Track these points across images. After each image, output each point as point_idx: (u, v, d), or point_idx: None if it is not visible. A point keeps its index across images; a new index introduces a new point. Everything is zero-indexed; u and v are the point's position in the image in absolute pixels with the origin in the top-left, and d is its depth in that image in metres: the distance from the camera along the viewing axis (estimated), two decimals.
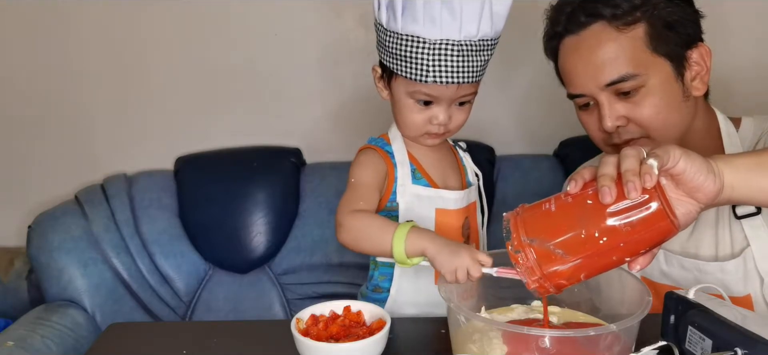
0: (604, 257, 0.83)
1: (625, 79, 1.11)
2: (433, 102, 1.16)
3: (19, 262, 1.90)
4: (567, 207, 0.84)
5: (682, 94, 1.14)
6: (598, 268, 0.85)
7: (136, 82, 1.93)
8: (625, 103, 1.13)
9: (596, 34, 1.13)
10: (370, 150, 1.25)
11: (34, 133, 1.96)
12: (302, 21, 1.89)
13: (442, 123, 1.17)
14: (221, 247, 1.84)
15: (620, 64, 1.11)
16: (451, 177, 1.27)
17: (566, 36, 1.17)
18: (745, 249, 1.15)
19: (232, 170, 1.88)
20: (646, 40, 1.11)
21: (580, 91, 1.16)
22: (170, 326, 1.46)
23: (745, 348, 0.80)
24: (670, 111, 1.13)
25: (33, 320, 1.63)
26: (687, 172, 0.84)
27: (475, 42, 1.11)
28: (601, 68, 1.12)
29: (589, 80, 1.13)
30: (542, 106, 1.92)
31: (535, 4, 1.25)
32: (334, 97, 1.94)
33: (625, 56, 1.11)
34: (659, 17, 1.11)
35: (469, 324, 0.92)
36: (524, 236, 0.84)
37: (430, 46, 1.09)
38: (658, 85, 1.12)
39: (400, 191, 1.23)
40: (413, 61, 1.11)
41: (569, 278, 0.85)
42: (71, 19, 1.88)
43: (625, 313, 0.91)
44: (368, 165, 1.22)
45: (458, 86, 1.13)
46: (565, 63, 1.18)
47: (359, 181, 1.21)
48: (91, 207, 1.81)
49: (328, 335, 1.01)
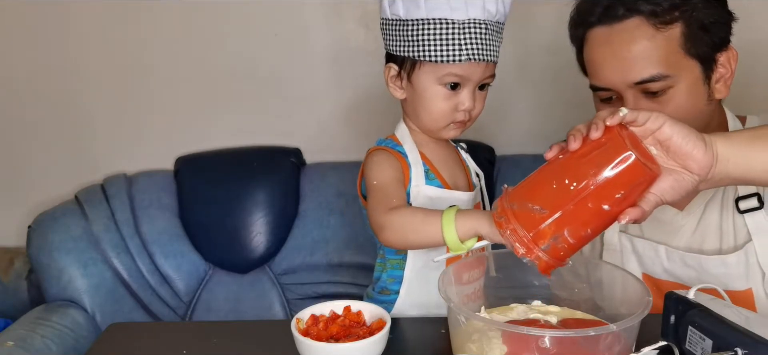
0: (581, 206, 0.85)
1: (655, 79, 1.09)
2: (461, 85, 1.16)
3: (19, 262, 1.90)
4: (543, 168, 0.90)
5: (706, 98, 1.13)
6: (581, 221, 0.86)
7: (136, 82, 1.93)
8: (650, 102, 1.10)
9: (632, 30, 1.10)
10: (382, 151, 1.23)
11: (34, 133, 1.97)
12: (302, 21, 1.89)
13: (468, 109, 1.17)
14: (221, 247, 1.84)
15: (653, 64, 1.09)
16: (460, 177, 1.27)
17: (598, 26, 1.13)
18: (747, 243, 1.15)
19: (232, 170, 1.88)
20: (681, 41, 1.09)
21: (605, 85, 1.14)
22: (170, 326, 1.46)
23: (745, 348, 0.80)
24: (694, 114, 1.11)
25: (33, 320, 1.63)
26: (673, 138, 0.85)
27: (493, 22, 1.14)
28: (632, 65, 1.09)
29: (618, 75, 1.11)
30: (542, 106, 1.92)
31: (536, 4, 1.25)
32: (334, 97, 1.94)
33: (658, 55, 1.09)
34: (696, 18, 1.09)
35: (468, 324, 0.92)
36: (507, 203, 0.90)
37: (460, 26, 1.12)
38: (686, 87, 1.10)
39: (414, 193, 1.20)
40: (444, 43, 1.13)
41: (555, 236, 0.86)
42: (71, 20, 1.88)
43: (626, 313, 0.91)
44: (386, 164, 1.20)
45: (486, 65, 1.15)
46: (593, 53, 1.15)
47: (383, 181, 1.18)
48: (91, 207, 1.81)
49: (328, 335, 1.01)
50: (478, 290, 1.09)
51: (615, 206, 0.85)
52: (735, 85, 1.18)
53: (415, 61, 1.16)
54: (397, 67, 1.20)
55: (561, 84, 1.85)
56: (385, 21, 1.19)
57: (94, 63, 1.91)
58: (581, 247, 0.90)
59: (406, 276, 1.23)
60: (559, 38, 1.26)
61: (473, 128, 1.37)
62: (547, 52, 1.82)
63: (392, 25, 1.17)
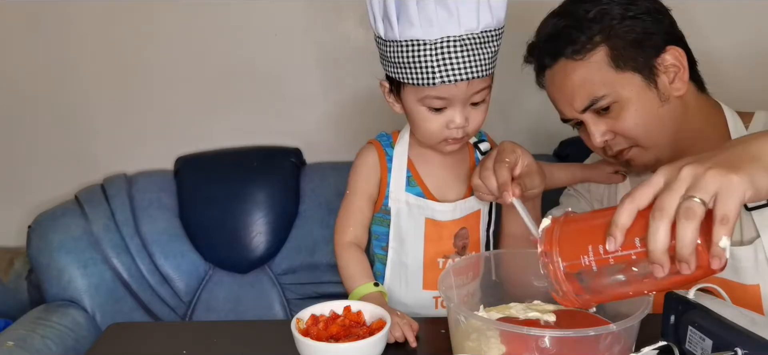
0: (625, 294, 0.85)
1: (595, 101, 1.16)
2: (446, 106, 1.13)
3: (19, 262, 1.90)
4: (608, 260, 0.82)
5: (659, 100, 1.17)
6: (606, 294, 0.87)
7: (136, 82, 1.93)
8: (607, 119, 1.18)
9: (562, 69, 1.19)
10: (370, 150, 1.27)
11: (34, 133, 1.96)
12: (302, 21, 1.89)
13: (459, 126, 1.14)
14: (221, 247, 1.84)
15: (588, 90, 1.16)
16: (452, 185, 1.26)
17: (544, 71, 1.24)
18: (755, 239, 1.15)
19: (232, 170, 1.88)
20: (608, 62, 1.15)
21: (566, 117, 1.24)
22: (170, 326, 1.46)
23: (745, 348, 0.80)
24: (650, 118, 1.17)
25: (33, 320, 1.63)
26: None
27: (477, 35, 1.08)
28: (573, 97, 1.18)
29: (568, 108, 1.21)
30: (542, 106, 1.92)
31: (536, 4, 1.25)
32: (334, 97, 1.94)
33: (591, 81, 1.16)
34: (618, 37, 1.15)
35: (467, 324, 0.92)
36: (557, 230, 0.86)
37: (432, 47, 1.07)
38: (632, 97, 1.16)
39: (392, 197, 1.24)
40: (417, 65, 1.09)
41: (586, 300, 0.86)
42: (71, 20, 1.88)
43: (626, 312, 0.91)
44: (361, 173, 1.26)
45: (468, 83, 1.10)
46: (549, 93, 1.26)
47: (352, 192, 1.27)
48: (91, 207, 1.81)
49: (328, 335, 1.01)
50: (470, 293, 1.10)
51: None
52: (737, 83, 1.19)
53: (399, 81, 1.15)
54: (388, 85, 1.20)
55: None
56: (374, 38, 1.18)
57: (94, 63, 1.91)
58: None
59: (387, 275, 1.28)
60: None
61: None
62: None
63: (378, 43, 1.17)
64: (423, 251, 1.25)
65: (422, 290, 1.27)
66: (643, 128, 1.17)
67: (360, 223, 1.26)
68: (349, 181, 1.28)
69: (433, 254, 1.25)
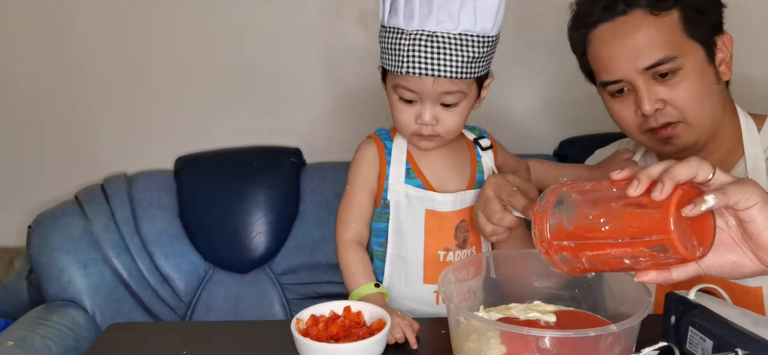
0: (604, 249, 0.83)
1: (663, 61, 1.13)
2: (416, 100, 1.17)
3: (19, 262, 1.90)
4: (598, 187, 0.86)
5: (714, 78, 1.18)
6: (600, 259, 0.85)
7: (136, 82, 1.93)
8: (663, 87, 1.15)
9: (634, 21, 1.15)
10: (369, 144, 1.28)
11: (34, 133, 1.96)
12: (302, 21, 1.89)
13: (427, 123, 1.17)
14: (221, 247, 1.84)
15: (659, 47, 1.13)
16: (452, 178, 1.27)
17: (600, 24, 1.18)
18: None
19: (232, 170, 1.88)
20: (681, 25, 1.14)
21: (617, 77, 1.17)
22: (170, 326, 1.46)
23: (745, 349, 0.80)
24: (705, 94, 1.16)
25: (33, 320, 1.63)
26: (756, 223, 0.79)
27: (454, 36, 1.10)
28: (640, 52, 1.14)
29: (628, 64, 1.15)
30: (542, 106, 1.92)
31: (536, 4, 1.25)
32: (334, 97, 1.94)
33: (663, 40, 1.13)
34: (691, 4, 1.14)
35: (467, 324, 0.92)
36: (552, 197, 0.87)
37: (408, 37, 1.11)
38: (694, 68, 1.15)
39: (392, 190, 1.25)
40: (393, 52, 1.14)
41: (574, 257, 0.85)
42: (71, 20, 1.88)
43: (626, 313, 0.91)
44: (361, 166, 1.27)
45: (435, 80, 1.12)
46: (600, 50, 1.19)
47: (353, 187, 1.27)
48: (91, 207, 1.81)
49: (328, 336, 1.01)
50: (473, 290, 1.10)
51: (637, 266, 0.84)
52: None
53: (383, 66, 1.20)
54: (381, 70, 1.24)
55: (561, 84, 1.86)
56: None
57: (94, 63, 1.91)
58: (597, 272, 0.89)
59: (387, 271, 1.28)
60: (560, 38, 1.27)
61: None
62: (548, 52, 1.82)
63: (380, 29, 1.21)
64: (423, 243, 1.25)
65: (423, 284, 1.26)
66: (697, 103, 1.15)
67: (362, 218, 1.26)
68: (349, 176, 1.29)
69: (434, 246, 1.25)
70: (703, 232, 0.81)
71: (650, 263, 0.82)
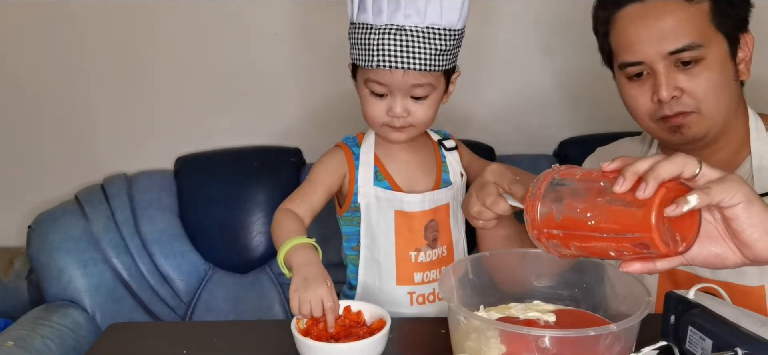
0: (591, 241, 0.84)
1: (688, 48, 1.12)
2: (386, 93, 1.19)
3: (19, 262, 1.90)
4: (588, 178, 0.86)
5: (734, 74, 1.17)
6: (588, 249, 0.86)
7: (137, 82, 1.93)
8: (683, 75, 1.14)
9: (665, 4, 1.14)
10: (337, 150, 1.31)
11: (34, 133, 1.96)
12: (302, 21, 1.89)
13: (398, 115, 1.19)
14: (221, 247, 1.84)
15: (686, 33, 1.13)
16: (421, 179, 1.29)
17: (630, 4, 1.17)
18: None
19: (232, 170, 1.88)
20: (710, 15, 1.14)
21: (639, 58, 1.16)
22: (170, 326, 1.46)
23: (745, 348, 0.80)
24: (723, 88, 1.15)
25: (33, 320, 1.63)
26: (740, 220, 0.80)
27: (421, 29, 1.13)
28: (667, 35, 1.13)
29: (653, 46, 1.14)
30: (542, 106, 1.92)
31: (536, 4, 1.25)
32: (334, 98, 1.94)
33: (691, 26, 1.13)
34: None
35: (467, 323, 0.92)
36: (545, 184, 0.87)
37: (376, 32, 1.14)
38: (716, 60, 1.14)
39: (362, 192, 1.27)
40: (363, 47, 1.17)
41: (563, 244, 0.87)
42: (71, 20, 1.88)
43: (626, 312, 0.90)
44: (326, 166, 1.29)
45: (405, 73, 1.15)
46: (626, 30, 1.18)
47: (311, 178, 1.29)
48: (91, 207, 1.81)
49: (328, 335, 1.01)
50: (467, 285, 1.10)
51: (622, 257, 0.85)
52: None
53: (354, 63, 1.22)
54: (352, 67, 1.26)
55: (562, 84, 1.86)
56: None
57: (94, 63, 1.91)
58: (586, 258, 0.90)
59: (360, 274, 1.30)
60: (560, 38, 1.27)
61: (473, 128, 1.38)
62: (548, 51, 1.82)
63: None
64: (394, 245, 1.27)
65: (396, 285, 1.28)
66: (714, 95, 1.15)
67: (308, 203, 1.26)
68: (310, 172, 1.31)
69: (405, 247, 1.27)
70: (688, 227, 0.82)
71: (633, 257, 0.84)
